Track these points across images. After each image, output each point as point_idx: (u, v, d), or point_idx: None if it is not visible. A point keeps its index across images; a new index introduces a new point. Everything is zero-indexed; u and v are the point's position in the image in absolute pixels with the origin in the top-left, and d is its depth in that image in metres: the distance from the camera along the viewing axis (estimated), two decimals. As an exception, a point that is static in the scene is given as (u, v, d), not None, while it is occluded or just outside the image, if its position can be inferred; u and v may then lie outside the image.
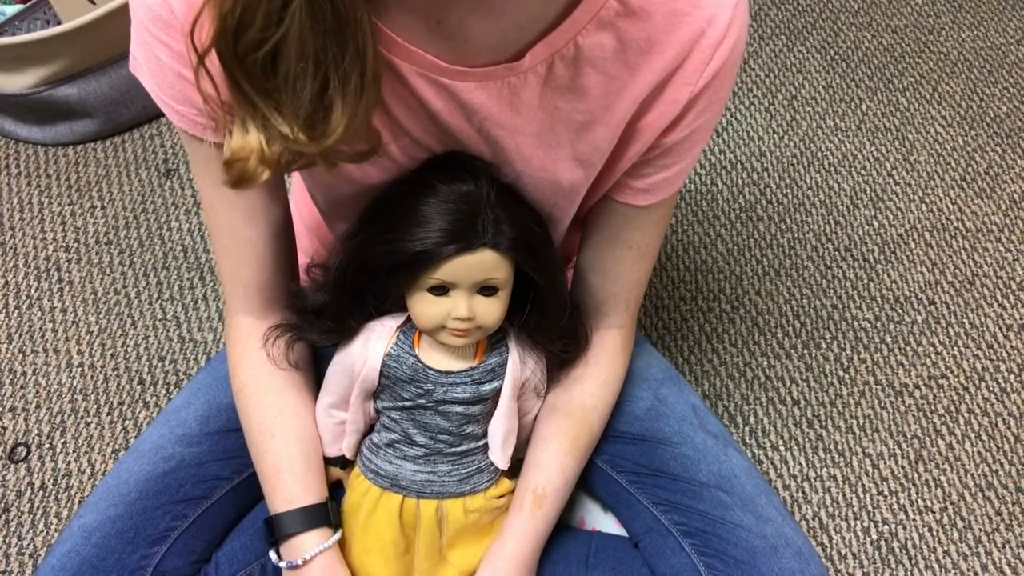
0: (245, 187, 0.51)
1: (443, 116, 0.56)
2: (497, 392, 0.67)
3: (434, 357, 0.65)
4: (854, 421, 1.14)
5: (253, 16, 0.44)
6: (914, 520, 1.06)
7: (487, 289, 0.61)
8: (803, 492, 1.08)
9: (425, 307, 0.61)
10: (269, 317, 0.69)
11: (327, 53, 0.46)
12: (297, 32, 0.44)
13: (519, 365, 0.67)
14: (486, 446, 0.69)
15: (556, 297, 0.65)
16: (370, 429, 0.71)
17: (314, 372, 0.74)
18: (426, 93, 0.54)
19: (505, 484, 0.71)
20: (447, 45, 0.52)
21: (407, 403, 0.66)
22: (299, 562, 0.64)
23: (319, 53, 0.46)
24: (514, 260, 0.61)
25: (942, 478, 1.09)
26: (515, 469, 0.71)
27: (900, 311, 1.24)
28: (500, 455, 0.68)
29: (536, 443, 0.71)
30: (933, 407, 1.15)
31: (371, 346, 0.65)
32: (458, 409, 0.66)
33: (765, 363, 1.19)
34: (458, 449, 0.67)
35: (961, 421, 1.14)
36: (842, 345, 1.20)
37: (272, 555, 0.66)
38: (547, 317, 0.66)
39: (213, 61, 0.47)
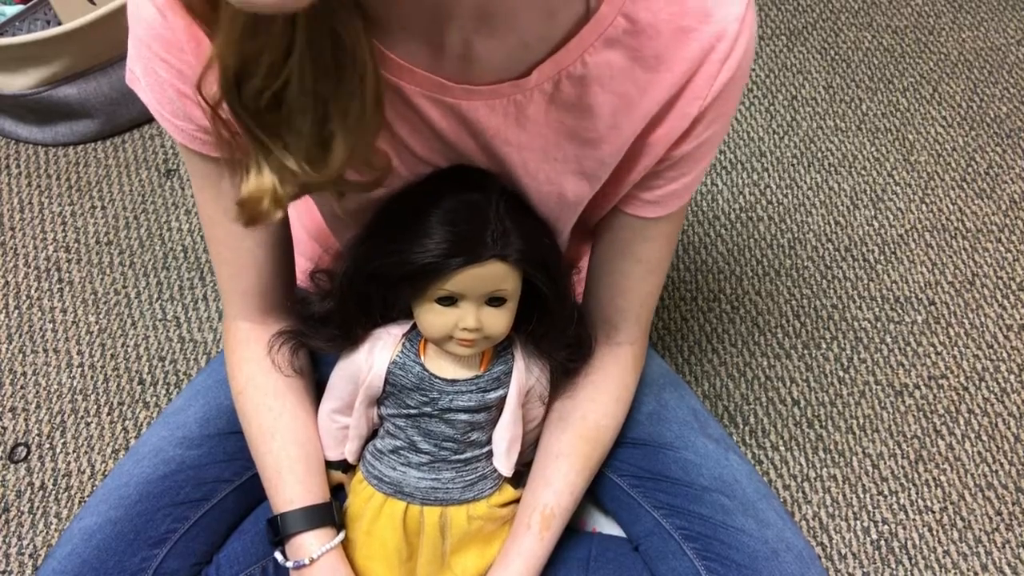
0: (257, 225, 0.51)
1: (448, 135, 0.56)
2: (502, 400, 0.66)
3: (440, 365, 0.65)
4: (854, 421, 1.14)
5: (255, 68, 0.45)
6: (914, 520, 1.06)
7: (495, 300, 0.61)
8: (803, 492, 1.08)
9: (433, 318, 0.61)
10: (268, 322, 0.70)
11: (326, 88, 0.46)
12: (298, 73, 0.45)
13: (524, 373, 0.67)
14: (490, 453, 0.69)
15: (563, 306, 0.65)
16: (373, 435, 0.71)
17: (314, 378, 0.74)
18: (431, 113, 0.54)
19: (508, 492, 0.71)
20: (451, 66, 0.52)
21: (412, 410, 0.66)
22: (306, 561, 0.64)
23: (317, 88, 0.46)
24: (522, 271, 0.61)
25: (942, 478, 1.09)
26: (518, 477, 0.71)
27: (900, 311, 1.24)
28: (504, 462, 0.68)
29: (546, 460, 0.70)
30: (933, 407, 1.15)
31: (376, 353, 0.65)
32: (463, 417, 0.66)
33: (765, 363, 1.19)
34: (462, 456, 0.67)
35: (961, 421, 1.14)
36: (842, 345, 1.20)
37: (278, 555, 0.66)
38: (554, 326, 0.66)
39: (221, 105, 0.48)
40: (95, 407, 1.13)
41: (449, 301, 0.60)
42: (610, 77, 0.53)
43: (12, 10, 1.36)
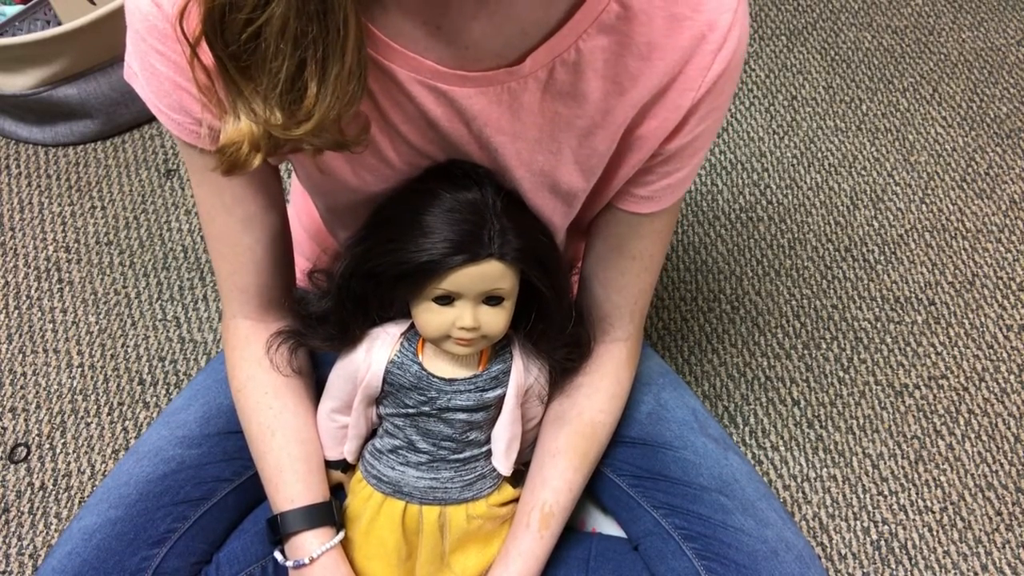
0: (237, 174, 0.51)
1: (442, 123, 0.56)
2: (500, 399, 0.66)
3: (438, 364, 0.65)
4: (854, 421, 1.14)
5: (243, 1, 0.44)
6: (914, 520, 1.06)
7: (492, 299, 0.61)
8: (803, 492, 1.08)
9: (430, 316, 0.61)
10: (267, 320, 0.70)
11: (307, 35, 0.45)
12: (282, 13, 0.44)
13: (523, 372, 0.67)
14: (489, 452, 0.69)
15: (561, 305, 0.65)
16: (372, 434, 0.71)
17: (314, 377, 0.74)
18: (425, 100, 0.54)
19: (508, 491, 0.71)
20: (447, 51, 0.52)
21: (410, 410, 0.66)
22: (305, 560, 0.64)
23: (299, 34, 0.45)
24: (520, 270, 0.61)
25: (942, 478, 1.09)
26: (517, 476, 0.71)
27: (900, 311, 1.24)
28: (503, 461, 0.68)
29: (544, 458, 0.70)
30: (933, 407, 1.15)
31: (374, 353, 0.65)
32: (462, 416, 0.66)
33: (765, 363, 1.19)
34: (461, 456, 0.67)
35: (961, 421, 1.14)
36: (842, 345, 1.20)
37: (278, 554, 0.66)
38: (552, 325, 0.66)
39: (204, 50, 0.47)
40: (95, 407, 1.13)
41: (446, 300, 0.60)
42: (603, 62, 0.53)
43: (12, 10, 1.36)
